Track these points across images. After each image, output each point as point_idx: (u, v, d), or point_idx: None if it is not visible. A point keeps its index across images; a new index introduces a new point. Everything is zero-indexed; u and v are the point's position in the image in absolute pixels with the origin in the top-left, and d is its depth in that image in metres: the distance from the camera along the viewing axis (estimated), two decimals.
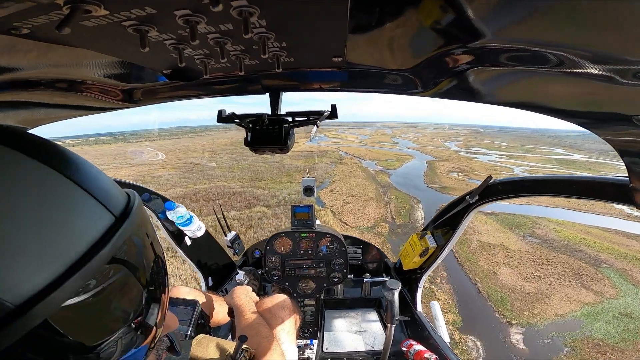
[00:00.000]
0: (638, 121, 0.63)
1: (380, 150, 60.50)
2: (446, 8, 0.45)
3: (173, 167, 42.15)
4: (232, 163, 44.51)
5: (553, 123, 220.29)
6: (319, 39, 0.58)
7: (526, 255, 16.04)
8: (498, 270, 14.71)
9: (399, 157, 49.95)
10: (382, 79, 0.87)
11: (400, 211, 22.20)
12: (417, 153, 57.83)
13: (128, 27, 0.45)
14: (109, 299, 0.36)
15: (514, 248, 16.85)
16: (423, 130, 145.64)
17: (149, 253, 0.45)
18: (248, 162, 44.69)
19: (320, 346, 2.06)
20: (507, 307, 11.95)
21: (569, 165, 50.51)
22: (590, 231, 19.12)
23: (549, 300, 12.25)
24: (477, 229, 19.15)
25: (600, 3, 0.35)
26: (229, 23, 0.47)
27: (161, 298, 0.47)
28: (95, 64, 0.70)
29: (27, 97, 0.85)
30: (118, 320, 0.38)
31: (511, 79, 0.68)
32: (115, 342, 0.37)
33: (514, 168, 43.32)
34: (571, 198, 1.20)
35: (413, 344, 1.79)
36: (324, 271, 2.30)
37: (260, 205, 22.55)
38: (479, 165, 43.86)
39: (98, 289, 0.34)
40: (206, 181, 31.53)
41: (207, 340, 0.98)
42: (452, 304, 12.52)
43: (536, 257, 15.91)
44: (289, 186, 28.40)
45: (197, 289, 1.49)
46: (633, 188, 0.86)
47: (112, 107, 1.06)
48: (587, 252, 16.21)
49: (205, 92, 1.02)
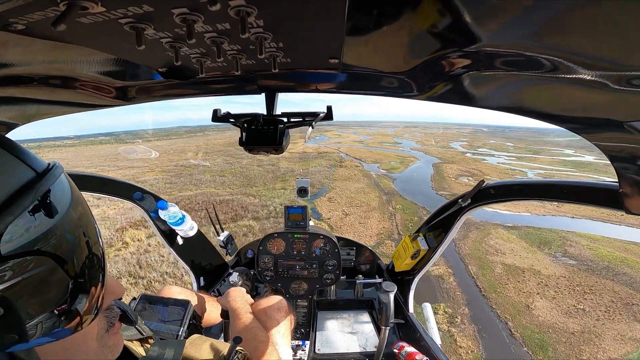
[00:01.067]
0: (629, 127, 0.64)
1: (382, 152, 58.02)
2: (443, 12, 0.46)
3: (162, 170, 39.75)
4: (225, 166, 41.97)
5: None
6: (316, 40, 0.58)
7: (563, 282, 13.49)
8: (532, 303, 12.15)
9: (402, 159, 47.29)
10: (378, 82, 0.88)
11: (408, 225, 19.44)
12: (421, 154, 55.33)
13: (124, 24, 0.44)
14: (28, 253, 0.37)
15: (547, 272, 14.21)
16: (425, 130, 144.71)
17: (73, 216, 0.44)
18: (242, 164, 42.09)
19: (313, 347, 2.06)
20: (549, 353, 9.81)
21: (584, 167, 47.53)
22: (630, 248, 16.64)
23: (599, 340, 10.14)
24: (500, 248, 16.36)
25: (596, 9, 0.36)
26: (226, 22, 0.47)
27: (90, 262, 0.45)
28: (90, 60, 0.71)
29: (19, 93, 0.86)
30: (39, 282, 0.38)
31: (505, 83, 0.69)
32: (38, 305, 0.38)
33: (527, 171, 40.60)
34: (562, 202, 1.22)
35: (405, 346, 1.80)
36: (316, 272, 2.28)
37: (247, 218, 19.92)
38: (489, 168, 41.16)
39: (17, 244, 0.35)
40: (193, 187, 28.88)
41: (201, 341, 0.94)
42: (478, 353, 9.74)
43: (575, 284, 13.35)
44: (282, 194, 25.67)
45: (188, 289, 1.51)
46: (623, 193, 0.87)
47: (106, 104, 1.06)
48: (632, 276, 13.74)
49: (200, 91, 1.03)
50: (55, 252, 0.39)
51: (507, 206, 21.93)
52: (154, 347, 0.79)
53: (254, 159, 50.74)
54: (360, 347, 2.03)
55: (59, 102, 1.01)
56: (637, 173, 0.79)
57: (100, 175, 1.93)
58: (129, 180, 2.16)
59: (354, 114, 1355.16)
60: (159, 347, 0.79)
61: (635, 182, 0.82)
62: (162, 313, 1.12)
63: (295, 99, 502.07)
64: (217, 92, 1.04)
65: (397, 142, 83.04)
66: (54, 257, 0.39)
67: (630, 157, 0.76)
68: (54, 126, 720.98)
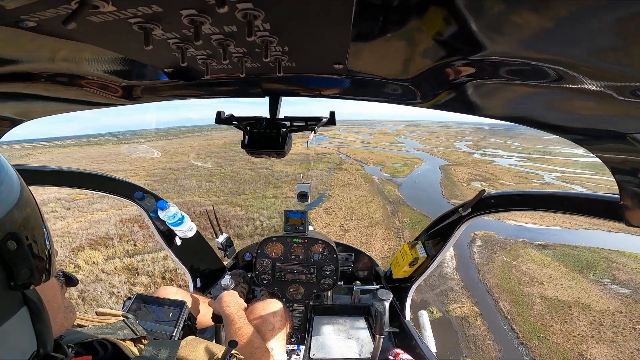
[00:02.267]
0: (632, 139, 0.64)
1: (385, 153, 55.03)
2: (449, 20, 0.46)
3: (147, 175, 36.98)
4: (215, 170, 38.94)
5: None
6: (322, 45, 0.59)
7: (620, 319, 10.64)
8: (587, 351, 9.31)
9: (407, 161, 44.23)
10: (382, 88, 0.88)
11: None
12: (426, 155, 52.34)
13: (133, 24, 0.45)
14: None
15: (598, 307, 11.34)
16: (427, 129, 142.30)
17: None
18: (233, 168, 39.11)
19: (308, 352, 2.05)
20: None
21: (600, 169, 44.25)
22: None
23: None
24: (535, 275, 13.27)
25: (601, 19, 0.36)
26: (233, 25, 0.48)
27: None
28: (97, 59, 0.71)
29: (26, 89, 0.86)
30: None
31: (509, 93, 0.69)
32: None
33: (543, 174, 37.39)
34: (562, 214, 1.21)
35: (400, 353, 1.79)
36: (314, 277, 2.28)
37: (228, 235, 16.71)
38: (501, 171, 38.06)
39: None
40: (175, 195, 25.85)
41: (196, 343, 0.92)
42: None
43: (634, 320, 10.50)
44: (272, 204, 22.61)
45: (184, 290, 1.57)
46: (623, 205, 0.87)
47: (111, 103, 1.06)
48: None
49: (205, 92, 1.03)
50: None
51: (532, 218, 18.87)
52: (148, 347, 0.78)
53: (247, 161, 48.12)
54: (355, 353, 2.01)
55: (64, 100, 1.02)
56: (639, 186, 0.78)
57: (102, 173, 1.89)
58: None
59: (355, 113, 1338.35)
60: (153, 348, 0.77)
61: (636, 195, 0.81)
62: (157, 313, 1.12)
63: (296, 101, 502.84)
64: (222, 94, 1.05)
65: (399, 142, 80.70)
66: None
67: (632, 169, 0.76)
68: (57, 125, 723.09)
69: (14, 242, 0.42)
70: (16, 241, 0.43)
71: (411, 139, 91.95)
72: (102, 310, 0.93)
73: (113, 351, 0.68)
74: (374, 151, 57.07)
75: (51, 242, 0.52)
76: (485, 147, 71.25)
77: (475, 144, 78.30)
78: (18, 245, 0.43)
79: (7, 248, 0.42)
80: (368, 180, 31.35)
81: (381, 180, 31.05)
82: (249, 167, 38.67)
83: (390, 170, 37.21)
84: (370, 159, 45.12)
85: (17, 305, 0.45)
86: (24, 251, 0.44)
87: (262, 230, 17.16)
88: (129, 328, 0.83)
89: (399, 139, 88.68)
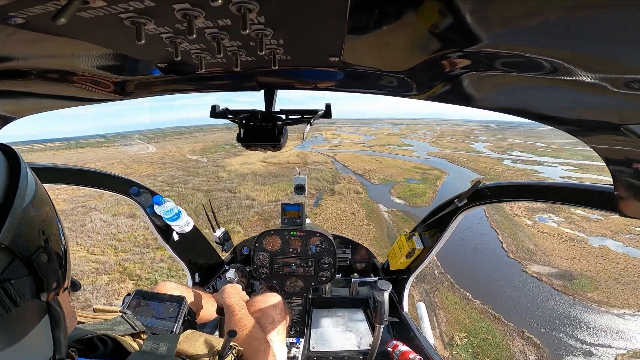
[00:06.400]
0: (626, 130, 0.65)
1: (393, 161, 44.14)
2: (445, 12, 0.47)
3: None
4: (164, 187, 28.16)
5: None
6: (317, 38, 0.59)
7: None
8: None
9: (424, 173, 33.45)
10: (378, 80, 0.89)
11: None
12: (445, 163, 41.53)
13: (125, 19, 0.45)
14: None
15: None
16: (432, 128, 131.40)
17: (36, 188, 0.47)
18: (187, 187, 28.48)
19: (307, 345, 2.05)
20: None
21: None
22: None
23: None
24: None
25: (596, 12, 0.37)
26: (227, 18, 0.47)
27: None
28: (89, 55, 0.71)
29: (16, 86, 0.86)
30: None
31: (504, 85, 0.71)
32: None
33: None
34: (556, 204, 1.21)
35: (398, 345, 1.80)
36: (312, 270, 2.30)
37: None
38: None
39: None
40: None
41: (195, 336, 0.94)
42: None
43: None
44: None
45: (183, 285, 1.54)
46: (617, 196, 0.88)
47: (104, 99, 1.06)
48: None
49: (199, 87, 1.03)
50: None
51: None
52: (147, 341, 0.79)
53: (211, 176, 37.77)
54: (354, 345, 2.03)
55: (56, 96, 1.02)
56: (632, 176, 0.80)
57: (98, 170, 1.85)
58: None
59: (355, 111, 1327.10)
60: (153, 342, 0.79)
61: (630, 185, 0.83)
62: (156, 309, 1.13)
63: (294, 96, 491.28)
64: (216, 88, 1.04)
65: (406, 144, 70.29)
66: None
67: (625, 160, 0.77)
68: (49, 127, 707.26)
69: (45, 255, 0.43)
70: (47, 254, 0.44)
71: (419, 139, 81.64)
72: (99, 307, 0.93)
73: (113, 346, 0.70)
74: (379, 158, 46.28)
75: (69, 252, 0.53)
76: (509, 149, 60.68)
77: (495, 145, 67.68)
78: (49, 258, 0.44)
79: (40, 260, 0.43)
80: (373, 214, 20.63)
81: (394, 215, 20.33)
82: (206, 187, 27.98)
83: (405, 191, 26.52)
84: (374, 172, 34.38)
85: (41, 313, 0.47)
86: (54, 263, 0.45)
87: None
88: (127, 323, 0.84)
89: (405, 140, 78.34)
